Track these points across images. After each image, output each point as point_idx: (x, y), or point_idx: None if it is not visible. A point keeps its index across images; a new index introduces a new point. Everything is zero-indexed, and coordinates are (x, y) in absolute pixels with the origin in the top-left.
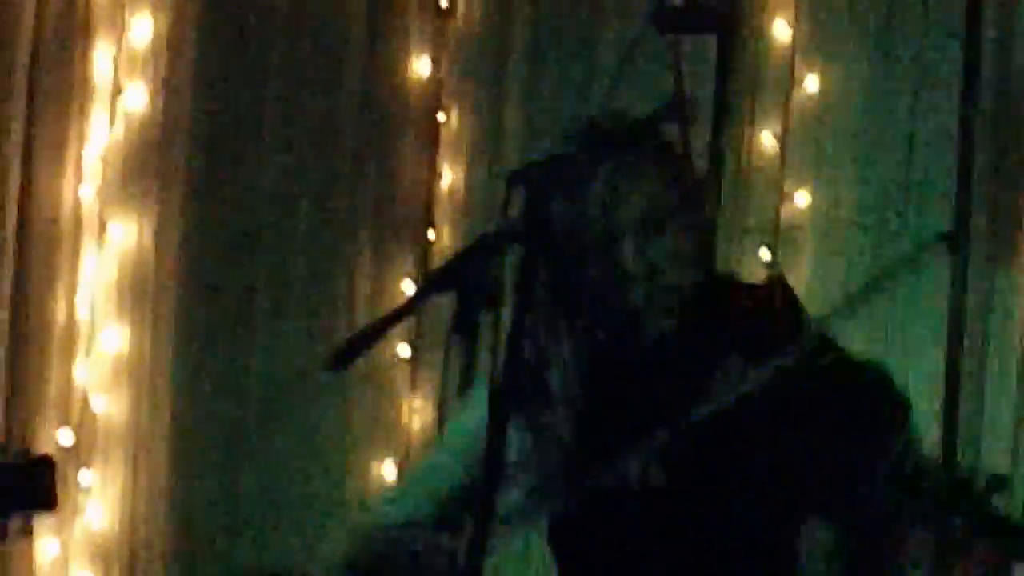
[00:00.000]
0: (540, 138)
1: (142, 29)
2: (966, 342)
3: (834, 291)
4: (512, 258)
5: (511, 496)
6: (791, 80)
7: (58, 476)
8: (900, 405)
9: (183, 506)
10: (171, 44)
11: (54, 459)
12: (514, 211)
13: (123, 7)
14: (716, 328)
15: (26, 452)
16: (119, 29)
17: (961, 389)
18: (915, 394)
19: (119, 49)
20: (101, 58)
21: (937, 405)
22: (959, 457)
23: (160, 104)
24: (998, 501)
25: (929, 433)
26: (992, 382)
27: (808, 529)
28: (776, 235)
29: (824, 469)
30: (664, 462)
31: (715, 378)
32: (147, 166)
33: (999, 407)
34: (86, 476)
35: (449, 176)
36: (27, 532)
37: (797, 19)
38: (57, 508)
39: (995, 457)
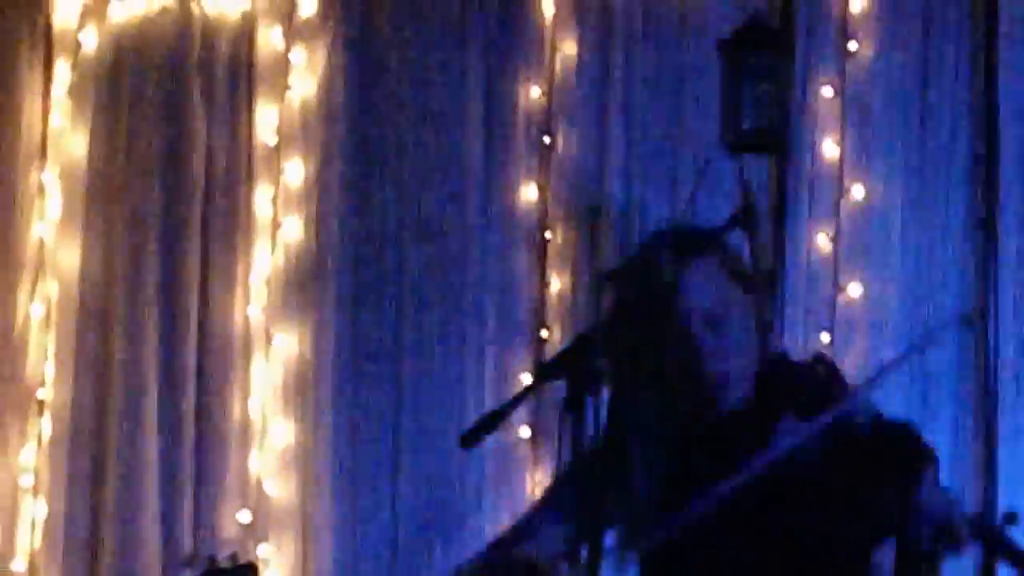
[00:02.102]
0: (632, 248)
1: (295, 172)
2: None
3: None
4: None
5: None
6: (840, 189)
7: (241, 554)
8: (925, 452)
9: (348, 574)
10: (320, 183)
11: (257, 566)
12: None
13: (278, 154)
14: (773, 397)
15: (234, 556)
16: (276, 173)
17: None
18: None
19: (276, 189)
20: (262, 198)
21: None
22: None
23: (313, 234)
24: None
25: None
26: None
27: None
28: (833, 321)
29: (858, 508)
30: (734, 509)
31: (775, 435)
32: (304, 286)
33: None
34: (263, 549)
35: (557, 283)
36: None
37: (843, 139)
38: None
39: None
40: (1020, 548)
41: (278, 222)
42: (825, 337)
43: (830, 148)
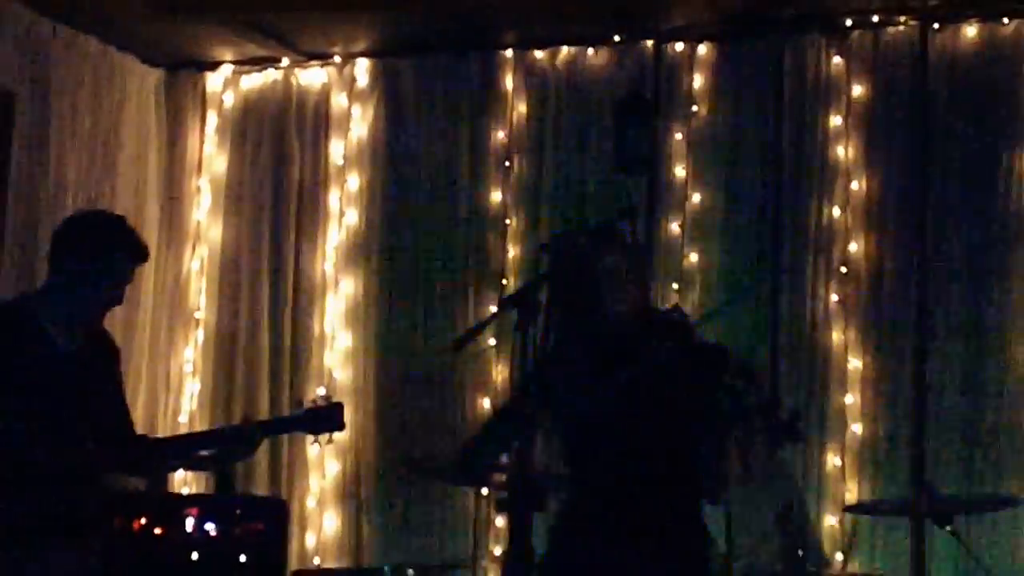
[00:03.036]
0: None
1: (353, 182)
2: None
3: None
4: (544, 292)
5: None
6: (685, 197)
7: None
8: (730, 358)
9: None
10: (368, 190)
11: (343, 405)
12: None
13: (343, 171)
14: (647, 326)
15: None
16: (341, 182)
17: None
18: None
19: (341, 193)
20: (333, 198)
21: None
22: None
23: (363, 221)
24: (791, 440)
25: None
26: None
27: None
28: (680, 279)
29: (695, 392)
30: (621, 393)
31: (651, 349)
32: (358, 252)
33: None
34: None
35: (512, 252)
36: None
37: (687, 165)
38: None
39: None
40: (799, 430)
41: (343, 212)
42: (675, 286)
43: (680, 171)
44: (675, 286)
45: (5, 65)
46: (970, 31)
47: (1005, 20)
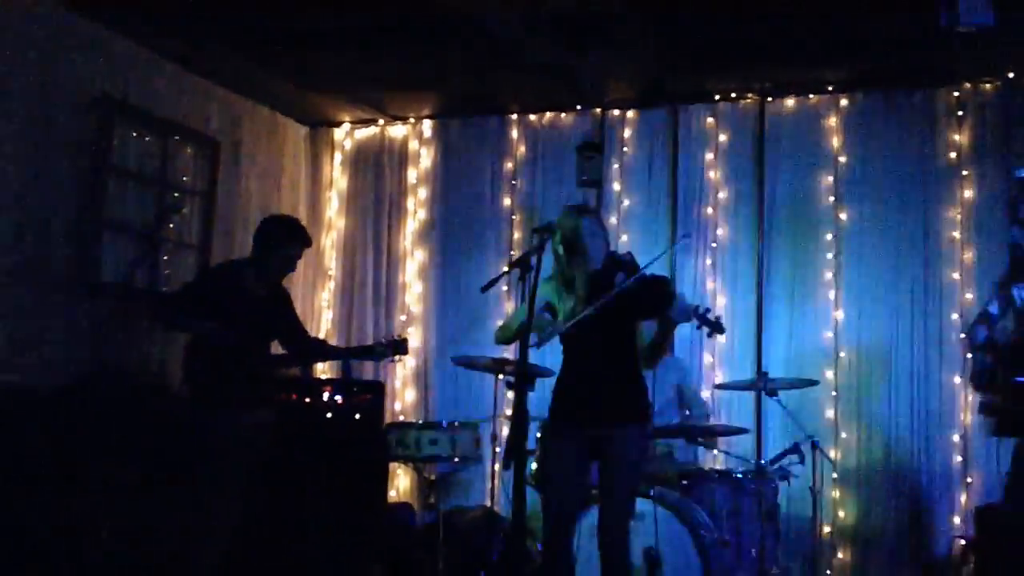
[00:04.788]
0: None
1: (422, 201)
2: None
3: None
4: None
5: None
6: (619, 202)
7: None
8: (669, 285)
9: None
10: (428, 203)
11: (407, 339)
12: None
13: (416, 192)
14: (615, 266)
15: (398, 336)
16: (416, 200)
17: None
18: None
19: (414, 205)
20: (412, 206)
21: None
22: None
23: (428, 224)
24: (718, 332)
25: None
26: None
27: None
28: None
29: (643, 302)
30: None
31: (615, 281)
32: (424, 242)
33: None
34: (410, 339)
35: (517, 234)
36: None
37: (620, 182)
38: None
39: None
40: (722, 327)
41: (416, 211)
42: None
43: (616, 186)
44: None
45: (213, 124)
46: (789, 102)
47: (811, 96)
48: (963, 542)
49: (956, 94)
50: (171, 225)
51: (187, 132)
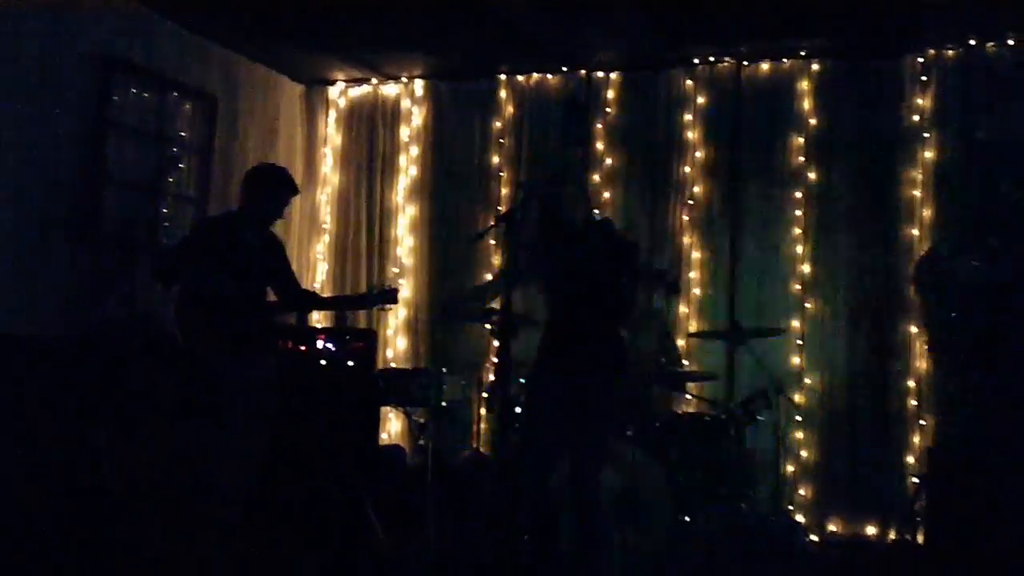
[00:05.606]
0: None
1: (413, 159)
2: None
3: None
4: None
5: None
6: (601, 166)
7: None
8: (636, 248)
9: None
10: (420, 161)
11: (397, 290)
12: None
13: (407, 148)
14: (593, 228)
15: (388, 285)
16: (407, 156)
17: None
18: None
19: (406, 163)
20: (404, 163)
21: None
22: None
23: (420, 182)
24: (675, 293)
25: None
26: None
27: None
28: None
29: (621, 263)
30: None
31: (592, 239)
32: (418, 198)
33: None
34: (402, 289)
35: (505, 207)
36: None
37: (603, 151)
38: None
39: None
40: (671, 279)
41: (408, 167)
42: (596, 212)
43: (600, 146)
44: (596, 212)
45: (212, 80)
46: (764, 67)
47: (784, 61)
48: (916, 480)
49: (920, 60)
50: (170, 180)
51: (186, 89)
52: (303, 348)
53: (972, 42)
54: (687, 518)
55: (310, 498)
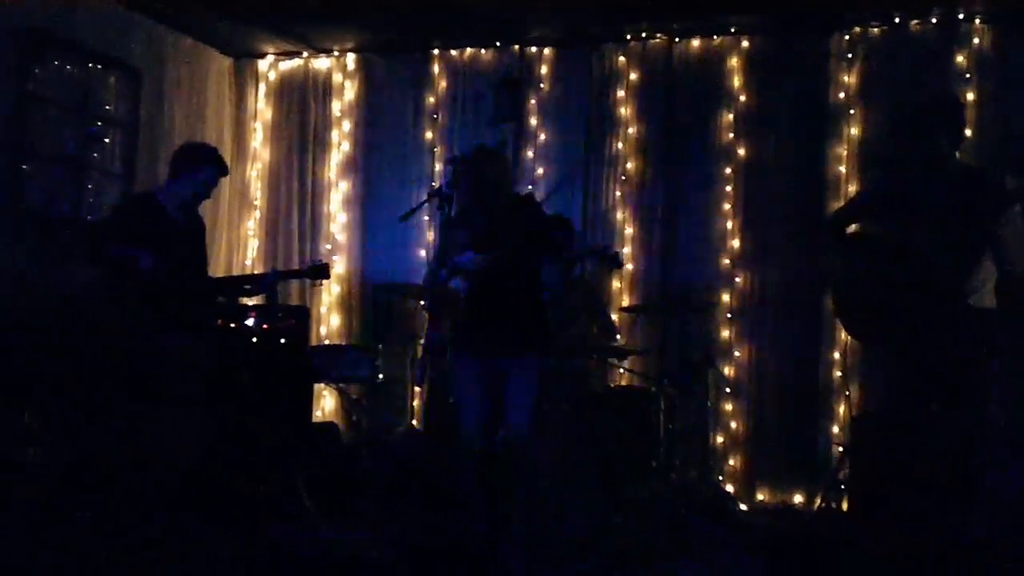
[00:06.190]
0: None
1: (345, 136)
2: None
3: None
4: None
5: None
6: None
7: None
8: (568, 225)
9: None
10: (354, 136)
11: (328, 264)
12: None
13: (339, 122)
14: (518, 203)
15: (320, 261)
16: (340, 132)
17: None
18: None
19: (330, 137)
20: (338, 137)
21: None
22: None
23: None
24: (617, 266)
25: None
26: None
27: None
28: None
29: (548, 237)
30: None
31: (517, 216)
32: (351, 175)
33: None
34: (336, 266)
35: (439, 173)
36: None
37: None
38: None
39: None
40: (621, 261)
41: (340, 142)
42: (529, 186)
43: (533, 121)
44: (530, 186)
45: (137, 54)
46: (695, 44)
47: (715, 38)
48: (841, 449)
49: (847, 38)
50: (95, 155)
51: (110, 62)
52: (233, 325)
53: (897, 19)
54: (619, 490)
55: (243, 476)
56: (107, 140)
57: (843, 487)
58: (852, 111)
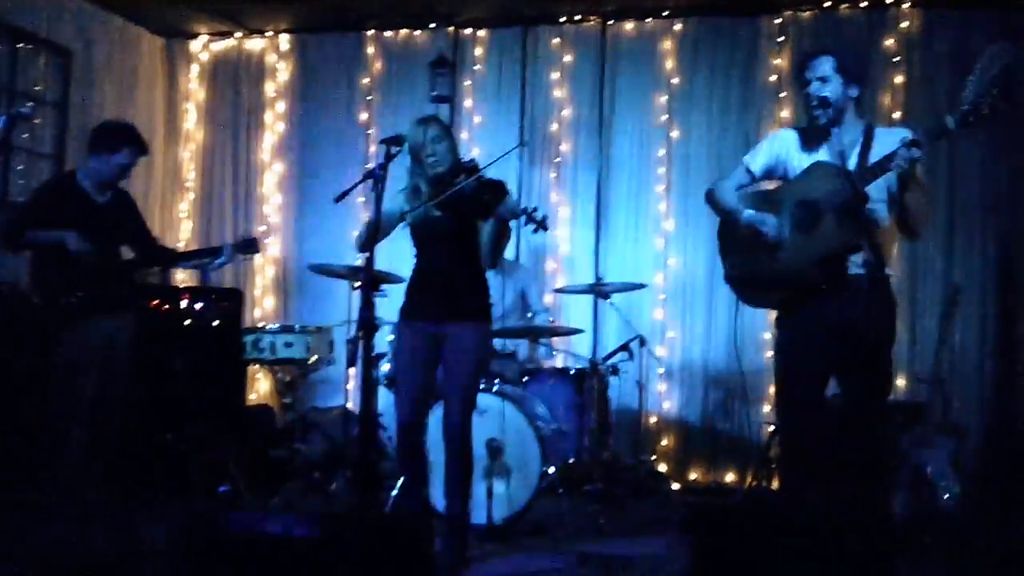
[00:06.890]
0: None
1: (281, 118)
2: None
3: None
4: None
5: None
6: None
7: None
8: (503, 185)
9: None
10: (288, 117)
11: (258, 239)
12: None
13: (274, 104)
14: (458, 170)
15: (253, 237)
16: (284, 117)
17: None
18: None
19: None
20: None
21: None
22: None
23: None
24: (544, 229)
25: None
26: None
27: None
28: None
29: (479, 199)
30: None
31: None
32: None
33: None
34: (270, 245)
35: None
36: None
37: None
38: None
39: None
40: (537, 217)
41: (274, 123)
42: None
43: (468, 103)
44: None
45: (67, 34)
46: (628, 26)
47: (648, 20)
48: (771, 428)
49: (778, 21)
50: (24, 135)
51: (38, 41)
52: (167, 307)
53: (827, 3)
54: (552, 469)
55: (176, 457)
56: (37, 121)
57: (773, 466)
58: (783, 93)
